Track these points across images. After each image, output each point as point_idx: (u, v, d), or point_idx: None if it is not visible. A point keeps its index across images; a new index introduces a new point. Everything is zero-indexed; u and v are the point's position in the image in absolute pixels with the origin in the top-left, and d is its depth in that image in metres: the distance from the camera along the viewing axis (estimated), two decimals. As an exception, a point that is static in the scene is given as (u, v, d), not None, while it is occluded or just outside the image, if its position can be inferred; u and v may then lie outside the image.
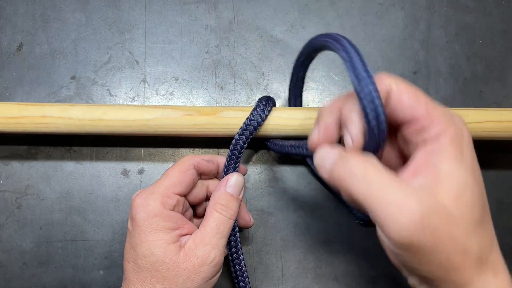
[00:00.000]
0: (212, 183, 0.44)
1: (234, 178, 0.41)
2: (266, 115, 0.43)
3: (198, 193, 0.43)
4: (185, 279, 0.37)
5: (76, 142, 0.49)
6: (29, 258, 0.48)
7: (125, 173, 0.49)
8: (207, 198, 0.44)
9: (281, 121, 0.43)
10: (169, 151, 0.50)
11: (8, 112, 0.44)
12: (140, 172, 0.49)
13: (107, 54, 0.51)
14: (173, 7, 0.52)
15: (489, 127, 0.43)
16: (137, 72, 0.51)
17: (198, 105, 0.50)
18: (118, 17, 0.52)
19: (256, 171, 0.49)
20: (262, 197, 0.49)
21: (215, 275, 0.39)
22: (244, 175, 0.44)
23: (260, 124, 0.43)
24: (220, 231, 0.39)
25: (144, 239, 0.37)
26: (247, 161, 0.49)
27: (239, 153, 0.43)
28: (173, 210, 0.39)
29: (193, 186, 0.42)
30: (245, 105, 0.50)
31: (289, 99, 0.47)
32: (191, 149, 0.49)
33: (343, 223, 0.49)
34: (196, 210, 0.45)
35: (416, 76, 0.51)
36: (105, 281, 0.47)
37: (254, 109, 0.43)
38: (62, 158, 0.49)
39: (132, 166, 0.49)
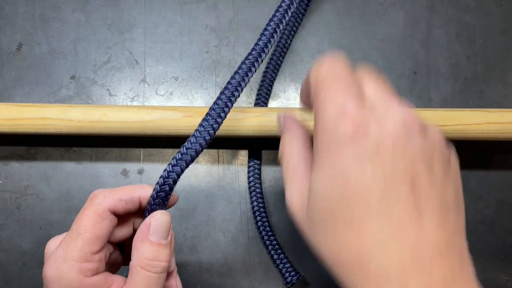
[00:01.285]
0: (137, 219, 0.35)
1: (157, 222, 0.32)
2: (212, 135, 0.34)
3: (120, 233, 0.34)
4: None
5: (75, 142, 0.49)
6: (28, 258, 0.48)
7: (124, 173, 0.49)
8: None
9: (281, 122, 0.43)
10: (169, 151, 0.49)
11: (7, 113, 0.44)
12: (140, 172, 0.49)
13: (107, 54, 0.51)
14: (173, 7, 0.52)
15: (490, 128, 0.43)
16: (137, 72, 0.51)
17: (198, 105, 0.50)
18: (118, 17, 0.51)
19: (256, 171, 0.49)
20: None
21: None
22: (174, 204, 0.36)
23: (200, 150, 0.34)
24: None
25: None
26: (246, 161, 0.49)
27: (171, 188, 0.33)
28: (96, 273, 0.31)
29: (112, 231, 0.33)
30: (245, 105, 0.50)
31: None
32: (191, 150, 0.49)
33: (343, 223, 0.49)
34: (125, 245, 0.37)
35: (416, 76, 0.51)
36: (105, 281, 0.47)
37: (197, 130, 0.34)
38: (62, 158, 0.49)
39: (132, 166, 0.49)
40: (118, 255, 0.36)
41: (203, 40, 0.51)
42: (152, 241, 0.31)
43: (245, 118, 0.43)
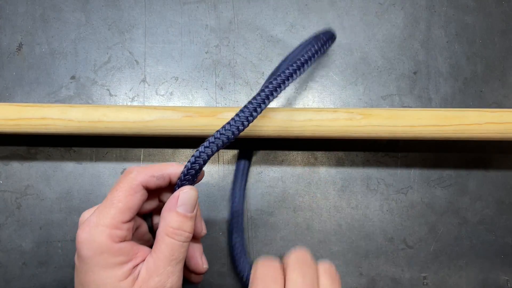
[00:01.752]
0: (164, 193, 0.40)
1: (185, 195, 0.36)
2: (246, 126, 0.37)
3: (148, 206, 0.39)
4: None
5: (76, 142, 0.49)
6: (29, 258, 0.48)
7: (125, 173, 0.49)
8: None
9: (282, 122, 0.43)
10: (169, 151, 0.49)
11: (8, 113, 0.44)
12: (140, 172, 0.49)
13: (107, 54, 0.51)
14: (173, 7, 0.52)
15: (489, 128, 0.43)
16: (137, 72, 0.51)
17: (198, 105, 0.50)
18: (118, 17, 0.52)
19: (256, 171, 0.49)
20: (262, 197, 0.49)
21: None
22: (201, 180, 0.40)
23: (232, 137, 0.37)
24: (175, 257, 0.35)
25: (92, 278, 0.33)
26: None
27: (200, 167, 0.37)
28: (123, 240, 0.35)
29: (142, 204, 0.37)
30: (245, 105, 0.50)
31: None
32: (191, 150, 0.49)
33: (343, 223, 0.49)
34: (152, 219, 0.42)
35: (416, 76, 0.51)
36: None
37: (233, 119, 0.37)
38: (62, 158, 0.49)
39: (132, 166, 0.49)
40: (146, 231, 0.40)
41: (203, 40, 0.51)
42: (179, 212, 0.35)
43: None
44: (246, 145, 0.49)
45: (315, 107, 0.49)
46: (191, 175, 0.37)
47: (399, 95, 0.50)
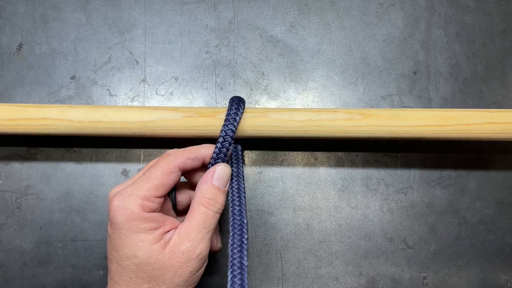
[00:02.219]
0: (196, 174, 0.43)
1: (221, 171, 0.40)
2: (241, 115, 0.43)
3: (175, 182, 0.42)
4: (172, 275, 0.37)
5: (76, 142, 0.49)
6: (29, 258, 0.48)
7: (125, 173, 0.49)
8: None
9: (282, 122, 0.43)
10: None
11: (8, 113, 0.44)
12: (140, 172, 0.49)
13: (107, 54, 0.51)
14: (173, 7, 0.52)
15: (489, 128, 0.43)
16: (137, 72, 0.51)
17: (198, 105, 0.50)
18: (118, 17, 0.52)
19: (256, 171, 0.49)
20: (262, 197, 0.49)
21: (201, 267, 0.39)
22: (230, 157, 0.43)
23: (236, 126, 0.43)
24: (207, 226, 0.38)
25: (125, 241, 0.37)
26: (247, 160, 0.49)
27: (230, 143, 0.41)
28: (153, 211, 0.38)
29: (174, 183, 0.40)
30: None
31: None
32: (191, 150, 0.49)
33: (343, 223, 0.49)
34: (177, 195, 0.44)
35: (416, 76, 0.51)
36: (105, 281, 0.47)
37: (228, 114, 0.42)
38: (62, 158, 0.49)
39: (132, 167, 0.49)
40: (170, 208, 0.43)
41: (203, 40, 0.51)
42: (214, 185, 0.39)
43: (244, 119, 0.43)
44: (245, 145, 0.49)
45: (315, 107, 0.49)
46: (224, 154, 0.41)
47: (399, 95, 0.50)
